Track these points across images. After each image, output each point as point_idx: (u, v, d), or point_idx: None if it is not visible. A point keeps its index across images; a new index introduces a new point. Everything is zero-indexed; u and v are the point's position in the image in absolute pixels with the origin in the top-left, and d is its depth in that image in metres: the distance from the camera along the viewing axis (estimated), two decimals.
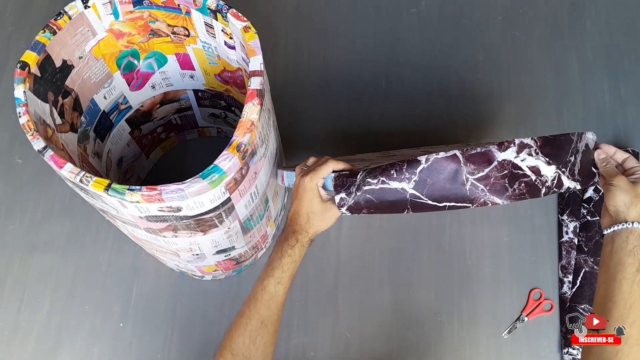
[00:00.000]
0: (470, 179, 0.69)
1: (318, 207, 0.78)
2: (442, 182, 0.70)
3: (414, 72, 1.29)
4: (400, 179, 0.72)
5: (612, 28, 1.33)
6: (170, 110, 1.08)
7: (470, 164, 0.69)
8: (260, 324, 0.75)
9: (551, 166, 0.70)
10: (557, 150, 0.72)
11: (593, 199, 1.13)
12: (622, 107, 1.25)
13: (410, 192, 0.72)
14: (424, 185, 0.71)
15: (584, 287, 1.07)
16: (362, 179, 0.74)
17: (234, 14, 0.76)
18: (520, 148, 0.70)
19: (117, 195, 0.66)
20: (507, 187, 0.69)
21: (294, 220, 0.79)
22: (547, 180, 0.70)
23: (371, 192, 0.73)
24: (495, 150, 0.69)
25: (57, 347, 1.06)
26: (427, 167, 0.71)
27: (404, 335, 1.08)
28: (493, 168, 0.69)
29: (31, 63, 0.72)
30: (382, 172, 0.73)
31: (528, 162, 0.70)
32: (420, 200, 0.71)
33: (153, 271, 1.11)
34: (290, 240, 0.78)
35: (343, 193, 0.75)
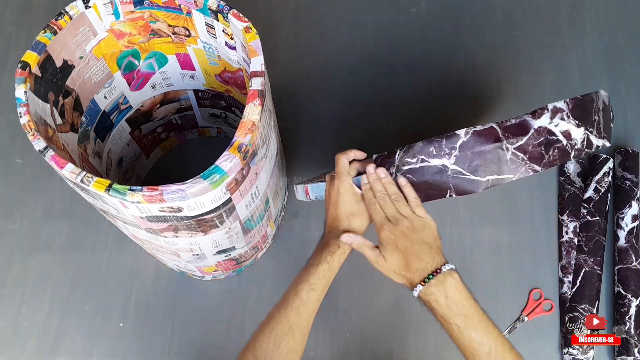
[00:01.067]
0: (510, 149, 0.69)
1: (357, 207, 0.76)
2: (484, 154, 0.69)
3: (414, 72, 1.29)
4: (440, 155, 0.70)
5: (612, 28, 1.33)
6: (170, 110, 1.08)
7: (509, 134, 0.69)
8: (287, 329, 0.72)
9: (580, 128, 0.70)
10: (584, 112, 0.71)
11: (593, 199, 1.13)
12: (622, 108, 1.25)
13: (452, 167, 0.70)
14: (465, 159, 0.69)
15: (584, 287, 1.08)
16: (400, 158, 0.72)
17: (235, 14, 0.76)
18: (553, 113, 0.69)
19: (118, 195, 0.66)
20: (543, 155, 0.69)
21: (335, 225, 0.77)
22: (576, 143, 0.70)
23: (411, 171, 0.71)
24: (530, 118, 0.69)
25: (57, 347, 1.06)
26: (466, 140, 0.69)
27: (404, 335, 1.08)
28: (530, 136, 0.69)
29: (32, 63, 0.72)
30: (421, 150, 0.71)
31: (561, 127, 0.69)
32: (463, 176, 0.69)
33: (153, 271, 1.11)
34: (332, 247, 0.76)
35: None
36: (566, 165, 1.17)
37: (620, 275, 1.09)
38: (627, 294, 1.07)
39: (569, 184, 1.16)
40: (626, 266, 1.09)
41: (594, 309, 1.06)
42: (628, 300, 1.06)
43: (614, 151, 1.19)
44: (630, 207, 1.12)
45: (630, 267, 1.08)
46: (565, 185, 1.16)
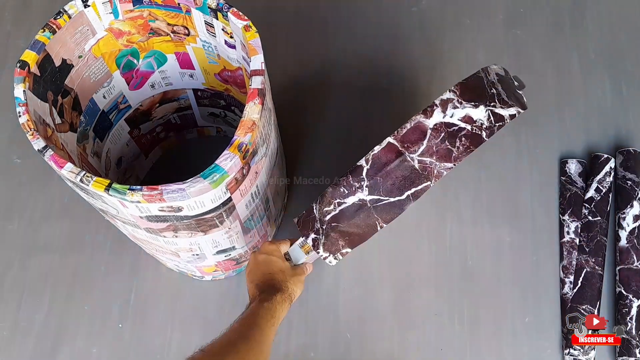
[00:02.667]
0: (415, 158, 0.68)
1: (288, 266, 0.76)
2: (392, 173, 0.68)
3: (415, 71, 1.29)
4: (353, 192, 0.70)
5: (613, 27, 1.33)
6: (169, 110, 1.08)
7: (408, 143, 0.68)
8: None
9: (479, 107, 0.68)
10: (477, 91, 0.70)
11: (594, 199, 1.12)
12: (623, 107, 1.25)
13: (368, 198, 0.69)
14: (377, 185, 0.69)
15: (585, 288, 1.07)
16: (319, 210, 0.72)
17: (235, 12, 0.75)
18: (443, 106, 0.68)
19: (117, 195, 0.66)
20: (450, 149, 0.68)
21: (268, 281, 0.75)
22: (482, 122, 0.68)
23: (335, 218, 0.71)
24: (423, 119, 0.68)
25: (57, 348, 1.06)
26: (370, 167, 0.69)
27: (404, 336, 1.07)
28: (430, 137, 0.68)
29: (31, 62, 0.72)
30: (333, 195, 0.71)
31: (458, 115, 0.68)
32: (383, 202, 0.69)
33: (153, 271, 1.11)
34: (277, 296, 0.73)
35: (312, 233, 0.73)
36: (567, 165, 1.17)
37: (621, 275, 1.09)
38: (628, 294, 1.06)
39: (570, 184, 1.15)
40: (627, 266, 1.08)
41: (595, 310, 1.06)
42: (629, 301, 1.06)
43: (615, 151, 1.19)
44: (632, 207, 1.12)
45: (631, 268, 1.08)
46: (567, 185, 1.16)
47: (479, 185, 1.18)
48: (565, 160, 1.18)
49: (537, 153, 1.21)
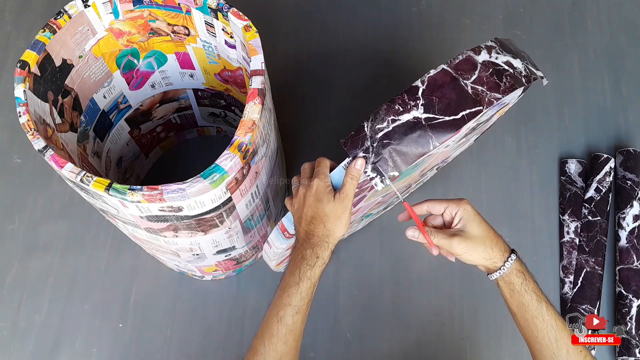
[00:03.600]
0: (468, 84, 0.70)
1: (332, 207, 0.70)
2: (447, 94, 0.70)
3: (415, 71, 1.28)
4: (408, 110, 0.71)
5: (613, 27, 1.33)
6: (169, 110, 1.08)
7: (461, 71, 0.71)
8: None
9: (517, 59, 0.73)
10: (512, 48, 0.75)
11: (594, 198, 1.12)
12: (623, 107, 1.25)
13: (423, 116, 0.70)
14: (432, 104, 0.70)
15: (585, 288, 1.07)
16: (371, 127, 0.72)
17: (235, 12, 0.75)
18: (488, 50, 0.72)
19: (118, 195, 0.66)
20: (498, 83, 0.71)
21: (310, 233, 0.70)
22: (521, 71, 0.72)
23: (387, 135, 0.71)
24: (472, 54, 0.72)
25: (57, 348, 1.06)
26: (426, 88, 0.70)
27: (404, 336, 1.07)
28: (480, 69, 0.71)
29: (31, 62, 0.72)
30: (387, 112, 0.71)
31: (501, 59, 0.72)
32: (438, 120, 0.70)
33: (153, 271, 1.11)
34: (310, 259, 0.69)
35: (361, 153, 0.71)
36: (567, 165, 1.17)
37: (621, 275, 1.09)
38: (628, 294, 1.06)
39: (570, 183, 1.15)
40: (627, 266, 1.08)
41: (595, 310, 1.06)
42: (629, 301, 1.06)
43: (615, 151, 1.19)
44: (632, 207, 1.12)
45: (631, 267, 1.08)
46: (567, 185, 1.16)
47: (479, 185, 1.18)
48: (565, 160, 1.18)
49: (537, 153, 1.21)
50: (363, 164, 0.71)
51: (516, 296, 0.71)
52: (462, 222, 0.73)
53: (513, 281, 0.71)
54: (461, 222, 0.74)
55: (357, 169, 0.71)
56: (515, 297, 0.71)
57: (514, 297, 0.71)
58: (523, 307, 0.71)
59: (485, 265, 0.73)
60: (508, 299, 0.72)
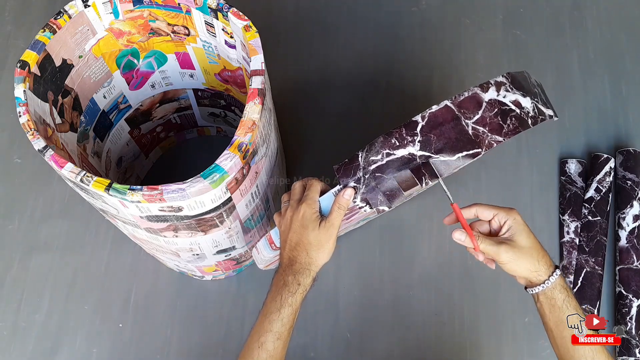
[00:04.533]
0: (469, 124, 0.69)
1: (317, 237, 0.70)
2: (446, 133, 0.69)
3: (415, 71, 1.29)
4: (404, 145, 0.69)
5: (613, 27, 1.33)
6: (169, 110, 1.08)
7: (464, 110, 0.69)
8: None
9: (527, 98, 0.70)
10: (524, 84, 0.72)
11: (594, 198, 1.12)
12: (623, 107, 1.25)
13: (419, 154, 0.69)
14: (429, 142, 0.69)
15: (585, 288, 1.07)
16: (365, 159, 0.70)
17: (235, 12, 0.75)
18: (497, 87, 0.70)
19: (118, 195, 0.66)
20: (502, 125, 0.69)
21: (293, 259, 0.71)
22: (529, 111, 0.70)
23: (380, 168, 0.70)
24: (480, 91, 0.69)
25: (56, 348, 1.06)
26: (425, 124, 0.69)
27: (404, 336, 1.07)
28: (485, 109, 0.69)
29: (31, 62, 0.72)
30: (383, 145, 0.70)
31: (509, 98, 0.70)
32: (433, 159, 0.69)
33: (153, 271, 1.11)
34: (291, 286, 0.70)
35: (352, 182, 0.71)
36: (567, 165, 1.17)
37: (621, 275, 1.09)
38: (628, 294, 1.06)
39: (570, 183, 1.15)
40: (627, 266, 1.08)
41: (595, 310, 1.06)
42: (629, 301, 1.06)
43: (615, 151, 1.19)
44: (632, 207, 1.12)
45: (631, 267, 1.08)
46: (567, 185, 1.16)
47: (479, 185, 1.18)
48: (565, 160, 1.18)
49: (537, 153, 1.21)
50: (352, 194, 0.71)
51: (556, 312, 0.71)
52: (511, 232, 0.73)
53: (555, 297, 0.71)
54: (510, 232, 0.73)
55: (346, 199, 0.71)
56: (555, 314, 0.71)
57: (553, 313, 0.71)
58: (562, 324, 0.71)
59: (527, 278, 0.72)
60: (547, 315, 0.72)
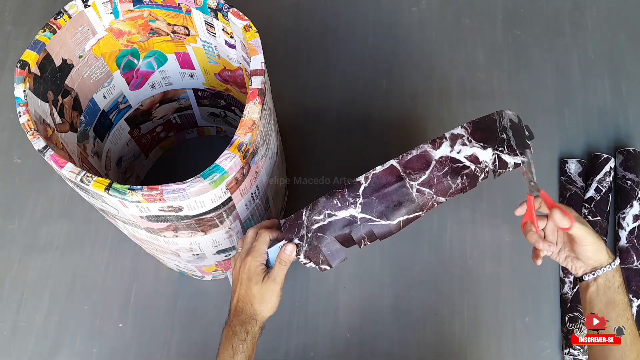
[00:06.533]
0: (414, 186, 0.67)
1: (260, 291, 0.72)
2: (388, 196, 0.68)
3: (415, 71, 1.29)
4: (346, 206, 0.69)
5: (613, 27, 1.33)
6: (169, 110, 1.08)
7: (410, 170, 0.67)
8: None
9: (487, 150, 0.68)
10: (487, 133, 0.69)
11: (594, 198, 1.12)
12: (623, 107, 1.25)
13: (359, 216, 0.69)
14: (371, 205, 0.68)
15: None
16: (308, 217, 0.71)
17: (235, 12, 0.75)
18: (452, 141, 0.68)
19: (118, 195, 0.66)
20: (450, 185, 0.68)
21: (240, 309, 0.73)
22: (487, 165, 0.68)
23: (321, 229, 0.70)
24: (430, 149, 0.68)
25: (56, 348, 1.06)
26: (368, 185, 0.68)
27: (404, 336, 1.07)
28: (433, 169, 0.67)
29: (31, 62, 0.72)
30: (325, 206, 0.70)
31: (464, 153, 0.68)
32: (372, 223, 0.68)
33: (153, 271, 1.11)
34: (240, 334, 0.72)
35: (296, 239, 0.72)
36: (567, 165, 1.17)
37: None
38: (628, 294, 1.06)
39: (570, 183, 1.15)
40: (627, 266, 1.08)
41: None
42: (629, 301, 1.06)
43: (615, 151, 1.19)
44: (632, 207, 1.12)
45: (631, 267, 1.08)
46: (567, 185, 1.16)
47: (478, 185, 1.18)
48: (565, 160, 1.18)
49: (537, 153, 1.21)
50: (293, 250, 0.72)
51: (609, 294, 0.74)
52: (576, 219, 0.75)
53: (615, 279, 0.74)
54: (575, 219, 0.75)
55: (287, 254, 0.73)
56: (607, 295, 0.74)
57: (605, 295, 0.74)
58: (612, 304, 0.74)
59: (601, 260, 0.75)
60: (595, 295, 0.75)
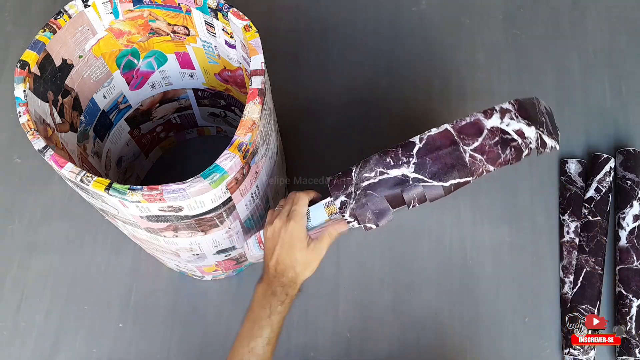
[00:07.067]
0: (467, 151, 0.67)
1: (304, 255, 0.72)
2: (442, 158, 0.67)
3: (415, 71, 1.29)
4: (398, 165, 0.68)
5: (613, 27, 1.33)
6: (169, 110, 1.08)
7: (464, 135, 0.68)
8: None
9: (531, 127, 0.69)
10: (531, 112, 0.70)
11: (594, 198, 1.12)
12: (623, 107, 1.25)
13: (412, 176, 0.68)
14: (424, 165, 0.68)
15: (585, 288, 1.07)
16: (358, 175, 0.70)
17: (235, 12, 0.75)
18: (502, 113, 0.68)
19: (118, 195, 0.66)
20: (499, 154, 0.68)
21: (282, 272, 0.73)
22: (531, 141, 0.69)
23: (372, 187, 0.69)
24: (483, 118, 0.68)
25: (56, 348, 1.06)
26: (422, 146, 0.68)
27: (404, 336, 1.07)
28: (485, 137, 0.67)
29: (31, 62, 0.72)
30: (378, 163, 0.69)
31: (512, 126, 0.68)
32: (424, 183, 0.68)
33: (153, 271, 1.11)
34: (280, 296, 0.72)
35: (342, 196, 0.70)
36: (567, 165, 1.17)
37: (621, 275, 1.09)
38: (628, 294, 1.06)
39: (570, 183, 1.15)
40: (627, 266, 1.08)
41: (595, 309, 1.06)
42: (629, 301, 1.06)
43: (615, 151, 1.19)
44: (632, 207, 1.12)
45: (631, 267, 1.08)
46: (567, 185, 1.16)
47: (478, 185, 1.18)
48: (565, 160, 1.18)
49: None
50: (345, 231, 0.74)
51: None
52: None
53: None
54: None
55: (338, 232, 0.74)
56: None
57: None
58: None
59: None
60: None
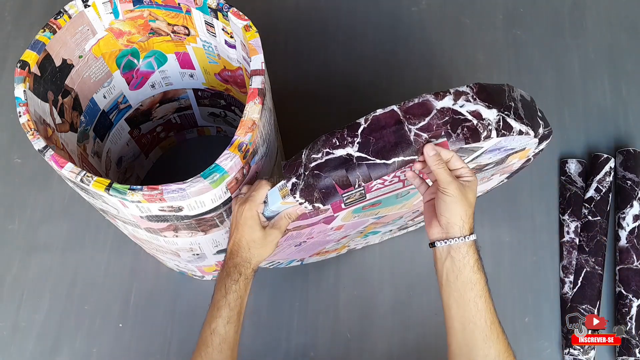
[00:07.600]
0: (413, 130, 0.68)
1: (259, 235, 0.74)
2: (386, 137, 0.69)
3: (415, 71, 1.29)
4: (344, 145, 0.70)
5: (613, 27, 1.33)
6: (169, 110, 1.08)
7: (410, 115, 0.69)
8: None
9: (492, 110, 0.69)
10: (494, 96, 0.70)
11: (594, 198, 1.12)
12: (623, 107, 1.25)
13: (356, 155, 0.69)
14: (368, 145, 0.69)
15: (585, 288, 1.07)
16: (307, 156, 0.72)
17: (235, 12, 0.75)
18: (456, 96, 0.68)
19: (118, 195, 0.66)
20: (450, 133, 0.68)
21: (235, 252, 0.75)
22: (489, 123, 0.68)
23: (319, 167, 0.71)
24: (432, 99, 0.69)
25: (56, 348, 1.06)
26: (367, 126, 0.69)
27: (404, 336, 1.07)
28: (433, 116, 0.68)
29: (31, 62, 0.72)
30: (324, 144, 0.71)
31: (467, 108, 0.68)
32: (368, 161, 0.69)
33: (153, 271, 1.11)
34: (233, 275, 0.74)
35: (294, 178, 0.72)
36: (567, 165, 1.17)
37: (621, 275, 1.09)
38: (628, 294, 1.06)
39: (570, 183, 1.15)
40: (627, 266, 1.08)
41: (595, 309, 1.06)
42: (629, 301, 1.06)
43: (615, 151, 1.19)
44: (632, 206, 1.12)
45: (631, 267, 1.08)
46: (567, 185, 1.16)
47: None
48: (565, 160, 1.18)
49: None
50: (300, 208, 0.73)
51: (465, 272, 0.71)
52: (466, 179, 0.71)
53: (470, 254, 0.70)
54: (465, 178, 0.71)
55: (298, 213, 0.75)
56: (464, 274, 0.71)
57: (461, 273, 0.71)
58: (470, 284, 0.71)
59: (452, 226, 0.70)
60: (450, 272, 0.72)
